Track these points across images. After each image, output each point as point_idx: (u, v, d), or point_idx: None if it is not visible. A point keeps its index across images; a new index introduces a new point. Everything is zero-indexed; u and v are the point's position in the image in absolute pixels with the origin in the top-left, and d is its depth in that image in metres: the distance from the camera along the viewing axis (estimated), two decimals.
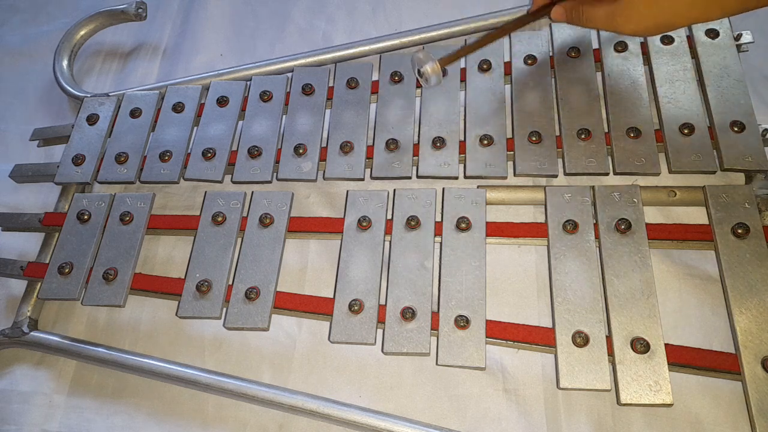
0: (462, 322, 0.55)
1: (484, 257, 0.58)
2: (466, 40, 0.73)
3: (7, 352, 0.65)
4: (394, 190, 0.64)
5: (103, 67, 0.87)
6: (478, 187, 0.64)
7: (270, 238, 0.62)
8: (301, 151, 0.67)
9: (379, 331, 0.56)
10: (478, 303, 0.56)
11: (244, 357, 0.63)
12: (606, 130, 0.64)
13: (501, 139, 0.65)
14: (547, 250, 0.59)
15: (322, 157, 0.67)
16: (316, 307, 0.58)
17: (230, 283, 0.60)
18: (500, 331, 0.55)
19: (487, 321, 0.55)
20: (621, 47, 0.68)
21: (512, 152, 0.64)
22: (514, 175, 0.63)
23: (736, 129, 0.62)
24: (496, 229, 0.60)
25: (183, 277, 0.61)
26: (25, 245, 0.72)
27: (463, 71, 0.70)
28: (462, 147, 0.65)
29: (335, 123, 0.69)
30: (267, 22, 0.88)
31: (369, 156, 0.66)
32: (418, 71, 0.60)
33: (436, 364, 0.54)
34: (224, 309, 0.59)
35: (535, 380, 0.58)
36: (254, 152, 0.67)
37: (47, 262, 0.65)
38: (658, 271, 0.60)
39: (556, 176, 0.63)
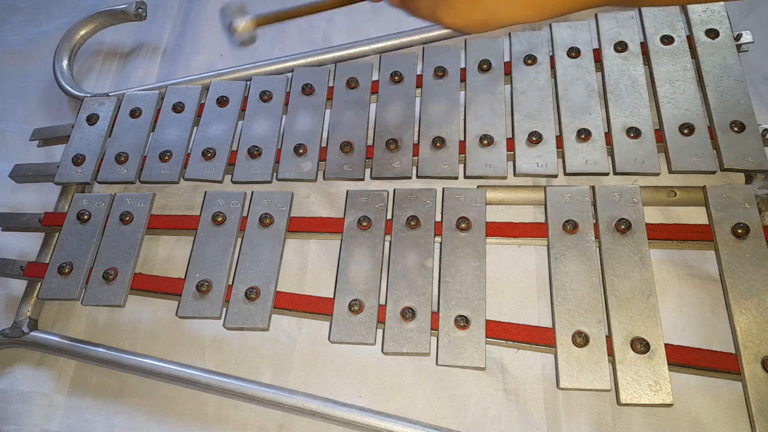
0: (462, 322, 0.55)
1: (484, 257, 0.58)
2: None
3: (7, 352, 0.65)
4: (394, 190, 0.64)
5: (103, 67, 0.87)
6: (478, 187, 0.64)
7: (270, 238, 0.62)
8: (301, 151, 0.67)
9: (379, 331, 0.56)
10: (478, 303, 0.56)
11: (244, 357, 0.63)
12: (606, 130, 0.64)
13: (501, 139, 0.65)
14: (547, 250, 0.59)
15: (322, 157, 0.67)
16: (316, 307, 0.58)
17: (230, 283, 0.60)
18: (500, 331, 0.55)
19: (487, 321, 0.55)
20: (621, 47, 0.68)
21: (512, 152, 0.64)
22: (514, 175, 0.63)
23: (736, 129, 0.62)
24: (496, 229, 0.60)
25: (183, 277, 0.61)
26: (25, 245, 0.72)
27: (463, 71, 0.70)
28: (462, 147, 0.65)
29: (335, 123, 0.69)
30: None
31: (369, 156, 0.66)
32: (229, 25, 0.54)
33: (436, 364, 0.54)
34: (224, 309, 0.59)
35: (535, 380, 0.58)
36: (254, 152, 0.67)
37: (47, 262, 0.65)
38: (658, 271, 0.60)
39: (556, 176, 0.63)
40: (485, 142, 0.64)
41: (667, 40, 0.68)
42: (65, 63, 0.82)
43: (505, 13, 0.46)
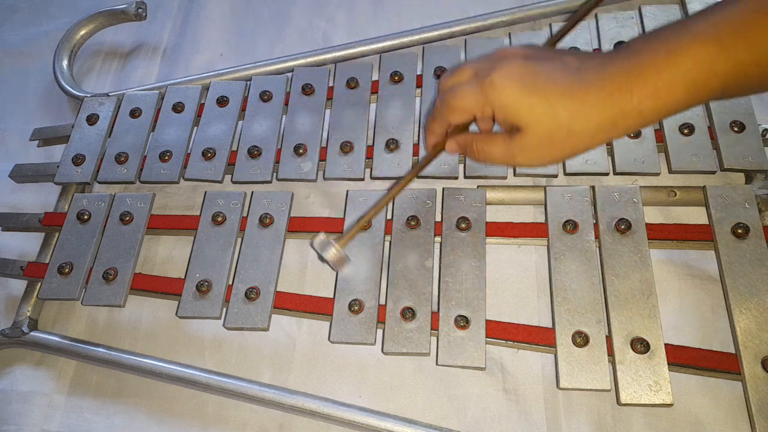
0: (462, 322, 0.55)
1: (484, 257, 0.58)
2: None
3: (7, 352, 0.65)
4: None
5: (103, 67, 0.88)
6: (478, 187, 0.64)
7: (270, 238, 0.62)
8: (301, 151, 0.67)
9: (379, 331, 0.56)
10: (478, 303, 0.56)
11: (244, 357, 0.63)
12: None
13: None
14: (547, 250, 0.59)
15: (322, 157, 0.67)
16: (316, 307, 0.58)
17: (230, 283, 0.60)
18: (500, 331, 0.55)
19: (487, 321, 0.55)
20: None
21: None
22: (514, 175, 0.63)
23: (736, 129, 0.62)
24: (496, 229, 0.60)
25: (183, 277, 0.61)
26: (25, 245, 0.72)
27: None
28: None
29: (335, 123, 0.69)
30: (267, 22, 0.88)
31: (369, 156, 0.66)
32: (321, 258, 0.54)
33: (436, 364, 0.54)
34: (224, 309, 0.59)
35: (535, 380, 0.58)
36: (254, 152, 0.67)
37: (47, 262, 0.65)
38: (658, 271, 0.60)
39: (556, 176, 0.63)
40: None
41: None
42: (65, 63, 0.82)
43: (580, 146, 0.45)
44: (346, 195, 0.64)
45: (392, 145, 0.66)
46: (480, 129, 0.52)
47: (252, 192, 0.65)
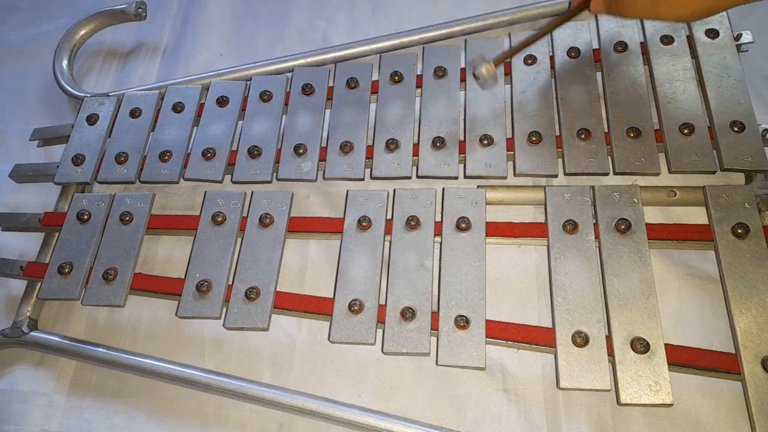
0: (462, 322, 0.55)
1: (484, 257, 0.58)
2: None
3: (7, 352, 0.65)
4: (394, 190, 0.64)
5: (103, 67, 0.88)
6: (478, 187, 0.64)
7: (270, 238, 0.62)
8: (301, 151, 0.67)
9: (379, 331, 0.56)
10: (478, 303, 0.56)
11: (244, 357, 0.63)
12: (606, 130, 0.64)
13: (501, 139, 0.65)
14: (547, 250, 0.59)
15: (322, 157, 0.67)
16: (316, 307, 0.58)
17: (230, 283, 0.60)
18: (500, 331, 0.55)
19: (487, 321, 0.55)
20: (621, 47, 0.68)
21: (512, 152, 0.64)
22: (514, 175, 0.63)
23: (736, 129, 0.62)
24: (496, 229, 0.60)
25: (183, 277, 0.61)
26: (25, 245, 0.72)
27: (463, 71, 0.70)
28: (462, 147, 0.65)
29: (335, 123, 0.69)
30: (267, 22, 0.88)
31: (369, 156, 0.66)
32: (474, 74, 0.62)
33: (436, 364, 0.54)
34: (224, 309, 0.59)
35: (535, 380, 0.58)
36: (254, 152, 0.67)
37: (47, 262, 0.65)
38: (658, 271, 0.60)
39: (556, 176, 0.63)
40: (485, 142, 0.64)
41: (667, 40, 0.68)
42: (65, 63, 0.82)
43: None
44: (346, 195, 0.64)
45: (392, 145, 0.66)
46: None
47: (252, 192, 0.65)
